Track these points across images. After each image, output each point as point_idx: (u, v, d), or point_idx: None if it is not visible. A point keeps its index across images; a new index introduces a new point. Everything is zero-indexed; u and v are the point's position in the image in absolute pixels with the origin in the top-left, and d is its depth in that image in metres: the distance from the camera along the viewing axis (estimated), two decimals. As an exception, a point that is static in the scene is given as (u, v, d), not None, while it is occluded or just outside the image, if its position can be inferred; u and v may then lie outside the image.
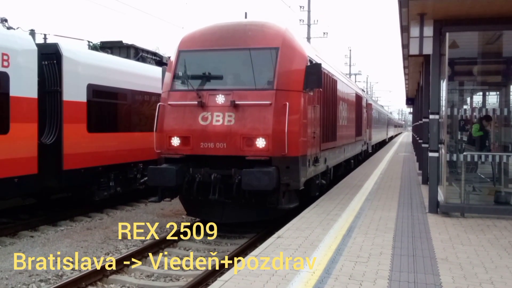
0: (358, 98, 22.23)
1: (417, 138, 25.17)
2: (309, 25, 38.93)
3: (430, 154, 10.39)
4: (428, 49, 10.16)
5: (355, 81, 62.68)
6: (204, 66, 11.04)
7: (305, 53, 11.07)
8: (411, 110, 42.94)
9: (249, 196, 9.95)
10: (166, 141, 10.62)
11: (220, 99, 10.30)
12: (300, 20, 39.30)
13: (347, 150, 18.10)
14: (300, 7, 39.28)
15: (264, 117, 9.99)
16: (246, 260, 6.72)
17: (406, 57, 15.65)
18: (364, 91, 31.16)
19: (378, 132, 38.12)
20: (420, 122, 19.72)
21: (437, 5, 9.01)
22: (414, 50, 10.47)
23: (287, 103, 9.96)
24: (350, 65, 67.62)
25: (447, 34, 9.70)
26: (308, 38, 38.44)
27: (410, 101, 34.28)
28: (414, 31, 10.36)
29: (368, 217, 9.77)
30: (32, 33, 13.01)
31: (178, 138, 10.53)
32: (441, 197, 10.20)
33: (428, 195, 10.41)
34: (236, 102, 10.12)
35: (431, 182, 10.32)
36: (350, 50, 69.58)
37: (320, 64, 10.93)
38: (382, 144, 45.36)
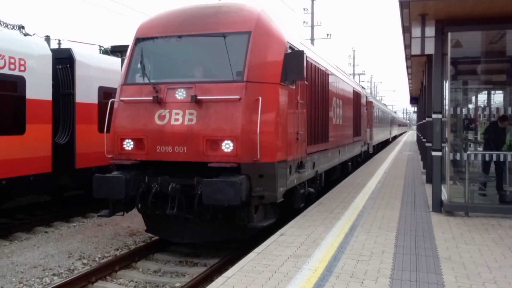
0: (357, 95, 20.30)
1: (421, 137, 24.93)
2: (312, 27, 38.80)
3: (433, 153, 10.22)
4: (430, 49, 10.01)
5: (359, 81, 62.32)
6: (164, 55, 9.36)
7: (284, 38, 9.10)
8: (415, 109, 42.67)
9: (214, 211, 8.24)
10: (118, 145, 8.89)
11: (180, 94, 8.58)
12: (304, 22, 39.17)
13: (343, 152, 16.22)
14: (304, 9, 39.18)
15: (232, 115, 8.19)
16: (249, 257, 6.60)
17: (409, 57, 15.47)
18: (364, 89, 29.45)
19: (380, 132, 36.11)
20: (424, 121, 19.51)
21: (438, 5, 8.87)
22: (416, 50, 10.33)
23: (260, 98, 8.15)
24: (354, 65, 67.40)
25: (449, 34, 9.54)
26: (312, 40, 38.32)
27: (414, 100, 34.06)
28: (416, 32, 10.22)
29: (371, 215, 9.61)
30: (47, 39, 13.27)
31: (131, 141, 8.78)
32: (445, 196, 10.02)
33: (432, 194, 10.22)
34: (199, 97, 8.34)
35: (434, 181, 10.15)
36: (354, 50, 69.13)
37: (302, 52, 8.99)
38: (385, 144, 43.57)
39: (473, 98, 14.86)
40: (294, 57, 8.82)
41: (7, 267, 8.59)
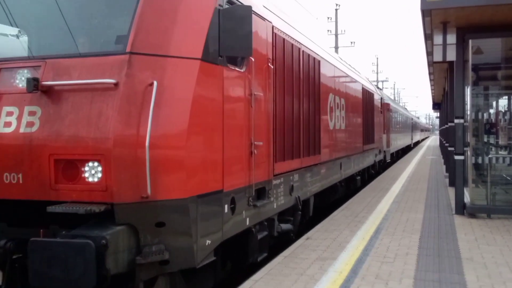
0: (368, 95, 16.50)
1: (444, 142, 24.61)
2: (336, 35, 38.79)
3: (456, 157, 10.15)
4: (451, 56, 9.98)
5: (382, 88, 61.59)
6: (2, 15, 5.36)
7: None
8: (438, 114, 42.07)
9: None
10: None
11: (20, 78, 4.92)
12: (328, 31, 39.20)
13: (348, 164, 12.77)
14: (328, 18, 39.28)
15: (100, 114, 4.58)
16: (276, 260, 6.67)
17: (431, 63, 15.36)
18: (380, 89, 25.40)
19: (400, 138, 31.70)
20: (446, 126, 19.28)
21: (459, 13, 8.83)
22: (438, 57, 10.31)
23: (155, 83, 4.63)
24: (377, 72, 67.00)
25: (470, 41, 9.49)
26: (336, 48, 38.27)
27: (436, 105, 33.65)
28: (438, 39, 10.19)
29: (395, 219, 9.57)
30: None
31: None
32: (467, 198, 9.93)
33: (455, 197, 10.14)
34: (44, 83, 4.70)
35: (457, 184, 10.06)
36: (377, 58, 68.75)
37: (248, 8, 5.48)
38: (406, 150, 39.21)
39: (494, 103, 14.65)
40: (233, 17, 5.38)
41: None
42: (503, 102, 14.01)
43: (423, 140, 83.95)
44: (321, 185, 9.93)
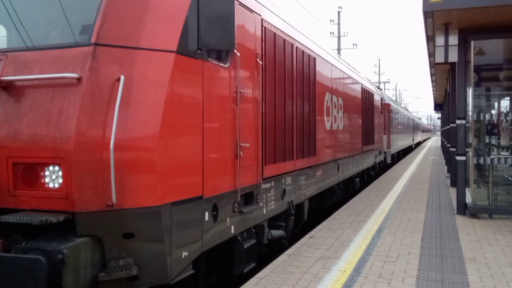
0: (368, 95, 15.97)
1: (445, 142, 24.59)
2: (339, 37, 38.81)
3: (458, 157, 10.15)
4: (453, 57, 9.97)
5: (384, 89, 61.50)
6: None
7: None
8: (439, 115, 42.04)
9: None
10: None
11: None
12: (330, 33, 39.23)
13: (346, 166, 12.38)
14: (330, 20, 39.28)
15: (60, 112, 4.13)
16: (280, 258, 6.69)
17: (433, 65, 15.35)
18: (381, 89, 24.82)
19: (401, 139, 31.40)
20: (448, 126, 19.28)
21: (461, 15, 8.83)
22: (439, 58, 10.29)
23: (122, 77, 4.19)
24: (379, 74, 66.89)
25: (472, 42, 9.49)
26: (339, 50, 38.30)
27: (438, 106, 33.64)
28: (440, 40, 10.18)
29: (397, 218, 9.58)
30: None
31: None
32: (469, 199, 9.94)
33: (456, 197, 10.14)
34: (4, 78, 4.31)
35: (458, 185, 10.06)
36: (379, 59, 68.61)
37: None
38: (407, 151, 39.14)
39: (496, 104, 14.65)
40: (214, 6, 4.94)
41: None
42: (505, 103, 14.02)
43: (424, 141, 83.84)
44: (317, 188, 9.43)
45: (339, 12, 39.37)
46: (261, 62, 6.38)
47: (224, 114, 5.39)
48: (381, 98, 20.48)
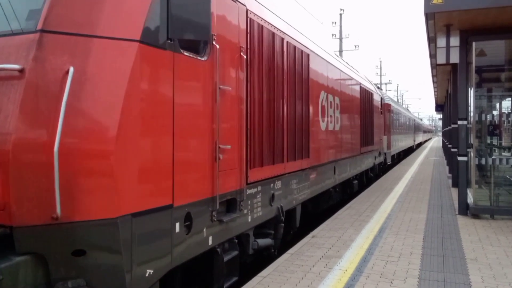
0: (367, 94, 15.29)
1: (447, 143, 24.57)
2: (341, 39, 38.86)
3: (459, 158, 10.15)
4: (454, 58, 9.97)
5: (386, 90, 61.33)
6: None
7: None
8: (441, 116, 41.99)
9: None
10: None
11: None
12: (332, 35, 39.25)
13: (343, 168, 11.77)
14: (332, 22, 39.39)
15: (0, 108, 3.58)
16: (283, 257, 6.70)
17: (434, 66, 15.35)
18: (380, 89, 24.25)
19: (402, 139, 30.75)
20: (449, 127, 19.27)
21: (462, 16, 8.83)
22: (441, 59, 10.30)
23: (71, 69, 3.61)
24: (380, 75, 66.85)
25: (473, 43, 9.50)
26: (340, 51, 38.30)
27: (439, 107, 33.64)
28: (441, 42, 10.18)
29: (398, 218, 9.58)
30: None
31: None
32: (470, 199, 9.94)
33: (458, 198, 10.14)
34: None
35: (460, 185, 10.06)
36: (381, 61, 68.46)
37: None
38: (408, 152, 38.79)
39: (497, 105, 14.64)
40: None
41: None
42: (506, 104, 14.02)
43: (425, 141, 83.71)
44: (310, 192, 8.85)
45: (341, 14, 39.45)
46: (245, 56, 5.84)
47: (199, 113, 4.72)
48: (381, 98, 20.01)
